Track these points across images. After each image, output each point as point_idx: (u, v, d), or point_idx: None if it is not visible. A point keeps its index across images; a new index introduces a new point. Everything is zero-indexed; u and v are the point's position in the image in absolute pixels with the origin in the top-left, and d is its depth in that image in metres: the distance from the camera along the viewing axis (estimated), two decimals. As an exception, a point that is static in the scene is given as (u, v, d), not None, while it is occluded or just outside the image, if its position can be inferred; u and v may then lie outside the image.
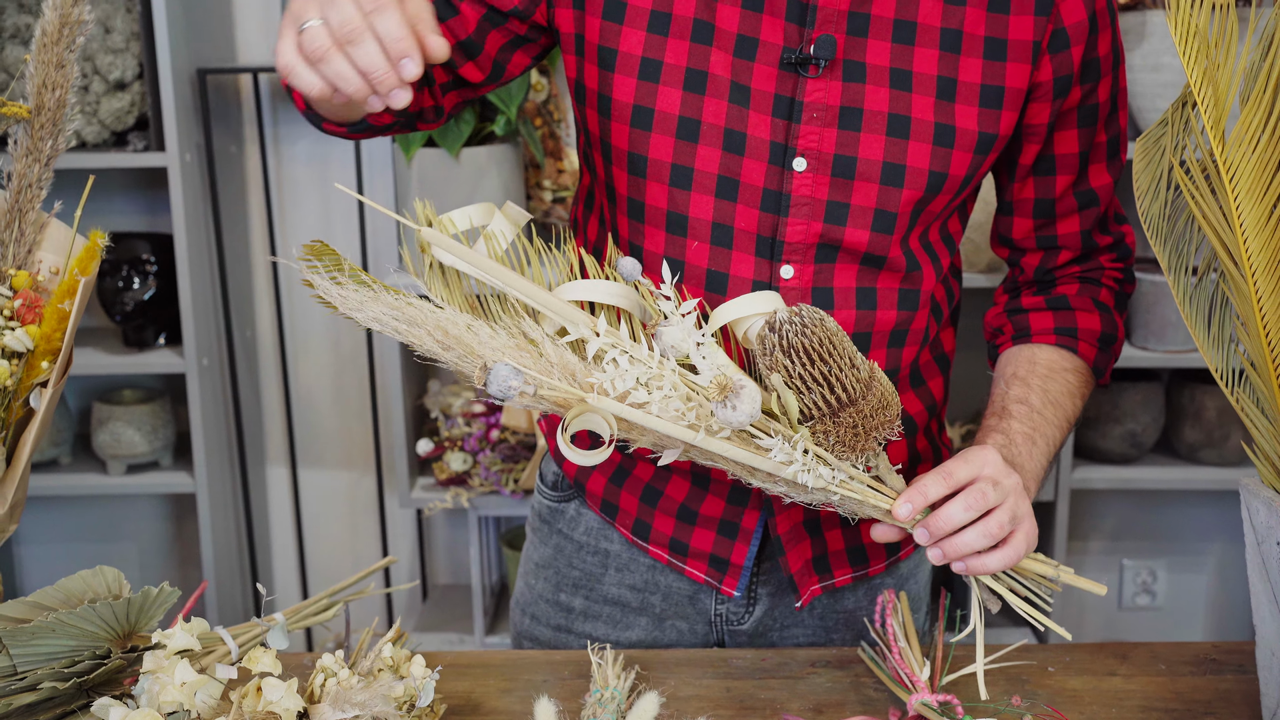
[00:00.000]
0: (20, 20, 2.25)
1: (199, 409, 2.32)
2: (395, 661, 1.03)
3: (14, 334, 1.08)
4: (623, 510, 1.26)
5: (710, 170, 1.09)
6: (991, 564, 1.00)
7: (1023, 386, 1.16)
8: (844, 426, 0.95)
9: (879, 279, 1.13)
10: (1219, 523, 2.74)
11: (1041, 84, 1.11)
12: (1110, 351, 1.22)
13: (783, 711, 1.08)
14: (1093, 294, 1.23)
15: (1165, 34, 2.20)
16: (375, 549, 2.73)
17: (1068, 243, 1.22)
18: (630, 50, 1.10)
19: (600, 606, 1.30)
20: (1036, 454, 1.11)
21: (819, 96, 1.07)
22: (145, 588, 1.02)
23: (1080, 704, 1.10)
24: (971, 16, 1.08)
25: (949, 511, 0.99)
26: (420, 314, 0.97)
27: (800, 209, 1.09)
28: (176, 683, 0.91)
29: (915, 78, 1.08)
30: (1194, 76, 0.84)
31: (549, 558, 1.33)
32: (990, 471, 1.00)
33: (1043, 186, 1.19)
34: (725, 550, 1.23)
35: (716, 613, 1.27)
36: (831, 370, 0.94)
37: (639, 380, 0.95)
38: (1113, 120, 1.17)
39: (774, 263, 1.11)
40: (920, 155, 1.08)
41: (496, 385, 0.90)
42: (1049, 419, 1.14)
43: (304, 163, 2.54)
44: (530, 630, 1.35)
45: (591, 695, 1.05)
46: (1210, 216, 0.90)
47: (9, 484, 1.11)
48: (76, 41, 1.14)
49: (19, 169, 1.14)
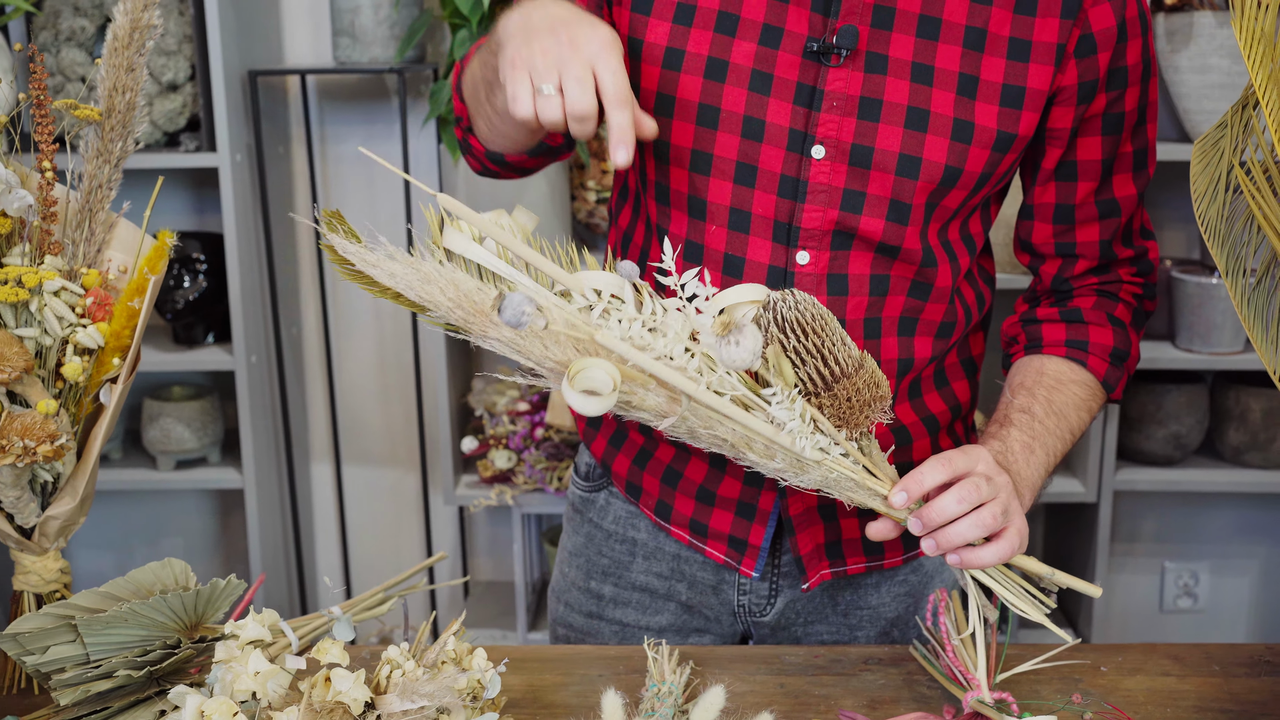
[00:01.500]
0: (76, 23, 2.28)
1: (248, 406, 2.35)
2: (458, 654, 1.05)
3: (86, 331, 1.11)
4: (645, 491, 1.29)
5: (729, 156, 1.12)
6: (985, 557, 1.02)
7: (1028, 396, 1.17)
8: (839, 399, 0.98)
9: (893, 268, 1.15)
10: (1262, 525, 2.72)
11: (1065, 88, 1.12)
12: (1122, 367, 1.23)
13: (838, 708, 1.09)
14: (1109, 309, 1.23)
15: (1212, 35, 2.19)
16: (418, 546, 2.76)
17: (1086, 251, 1.22)
18: (656, 41, 1.13)
19: (629, 593, 1.33)
20: (1034, 462, 1.12)
21: (840, 86, 1.09)
22: (214, 579, 1.04)
23: (1134, 704, 1.10)
24: (997, 16, 1.09)
25: (942, 504, 1.00)
26: (434, 271, 1.00)
27: (817, 196, 1.11)
28: (250, 672, 0.93)
29: (937, 73, 1.10)
30: (1259, 79, 0.84)
31: (580, 546, 1.36)
32: (983, 468, 1.02)
33: (1064, 192, 1.20)
34: (743, 531, 1.25)
35: (739, 604, 1.30)
36: (825, 343, 0.97)
37: (645, 325, 0.97)
38: (1139, 132, 1.18)
39: (790, 248, 1.13)
40: (937, 149, 1.10)
41: (510, 312, 0.90)
42: (1050, 429, 1.15)
43: (350, 163, 2.57)
44: (564, 617, 1.38)
45: (649, 690, 1.06)
46: (1271, 217, 0.90)
47: (80, 477, 1.14)
48: (146, 46, 1.17)
49: (90, 170, 1.16)
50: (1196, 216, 1.04)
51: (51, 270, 1.11)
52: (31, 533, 1.14)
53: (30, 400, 1.09)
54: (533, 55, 0.95)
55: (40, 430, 1.07)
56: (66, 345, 1.11)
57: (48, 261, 1.12)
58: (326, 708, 0.93)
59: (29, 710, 1.09)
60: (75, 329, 1.11)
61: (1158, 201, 2.51)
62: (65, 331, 1.11)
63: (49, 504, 1.13)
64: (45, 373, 1.11)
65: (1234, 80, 2.20)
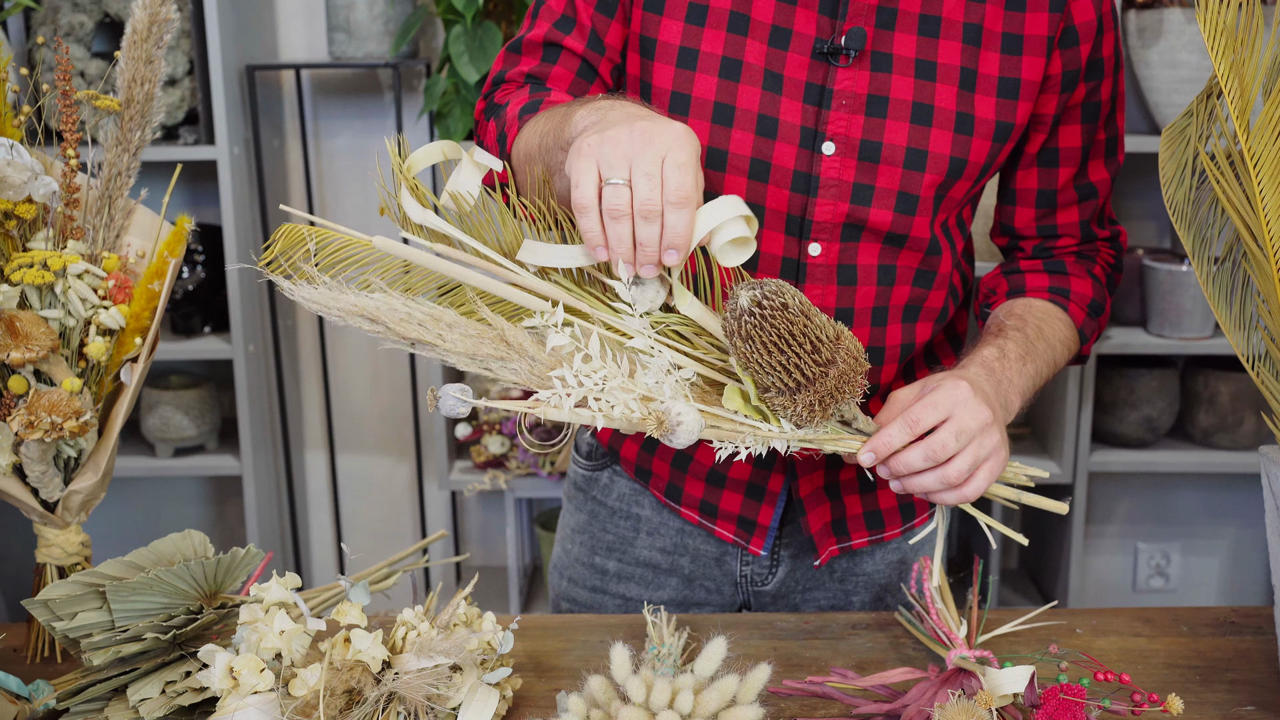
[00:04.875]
0: (74, 19, 2.32)
1: (245, 394, 2.39)
2: (468, 618, 1.10)
3: (108, 313, 1.15)
4: (655, 475, 1.33)
5: (744, 153, 1.16)
6: (947, 500, 1.05)
7: (1019, 320, 1.21)
8: (800, 404, 0.99)
9: (899, 257, 1.20)
10: (1231, 506, 2.80)
11: (1052, 76, 1.18)
12: (1097, 321, 1.28)
13: (828, 668, 1.15)
14: (1088, 266, 1.29)
15: (1181, 31, 2.26)
16: (409, 531, 2.81)
17: (1068, 231, 1.29)
18: (669, 40, 1.17)
19: (633, 568, 1.37)
20: (1026, 372, 1.15)
21: (848, 85, 1.14)
22: (234, 549, 1.09)
23: (1107, 661, 1.16)
24: (991, 13, 1.15)
25: (908, 458, 1.02)
26: (383, 308, 0.98)
27: (828, 190, 1.16)
28: (276, 631, 0.98)
29: (939, 68, 1.15)
30: (1221, 70, 0.90)
31: (584, 523, 1.40)
32: (960, 412, 1.02)
33: (1046, 177, 1.26)
34: (752, 511, 1.30)
35: (742, 574, 1.35)
36: (790, 359, 0.96)
37: (593, 381, 0.96)
38: (1112, 120, 1.25)
39: (802, 240, 1.18)
40: (942, 142, 1.15)
41: (446, 408, 0.95)
42: (1040, 352, 1.18)
43: (344, 156, 2.61)
44: (568, 592, 1.43)
45: (649, 651, 1.12)
46: (1234, 200, 0.97)
47: (101, 453, 1.19)
48: (164, 39, 1.22)
49: (109, 158, 1.21)
50: (1165, 200, 1.10)
51: (74, 254, 1.15)
52: (55, 507, 1.18)
53: (55, 379, 1.13)
54: (603, 145, 0.92)
55: (67, 407, 1.11)
56: (89, 326, 1.16)
57: (70, 246, 1.17)
58: (347, 665, 0.99)
59: (52, 677, 1.13)
60: (98, 310, 1.16)
61: (1130, 192, 2.59)
62: (88, 313, 1.15)
63: (71, 479, 1.18)
64: (69, 352, 1.15)
65: (1202, 75, 2.27)
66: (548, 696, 1.10)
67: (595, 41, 1.20)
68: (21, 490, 1.16)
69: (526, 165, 1.08)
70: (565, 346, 0.97)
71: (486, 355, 0.97)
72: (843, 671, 1.08)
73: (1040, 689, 1.00)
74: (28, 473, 1.14)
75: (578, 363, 0.97)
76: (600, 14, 1.20)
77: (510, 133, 1.13)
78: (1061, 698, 0.93)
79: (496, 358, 0.98)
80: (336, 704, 0.96)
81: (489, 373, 0.99)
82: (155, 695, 1.03)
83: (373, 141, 2.58)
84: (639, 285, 0.99)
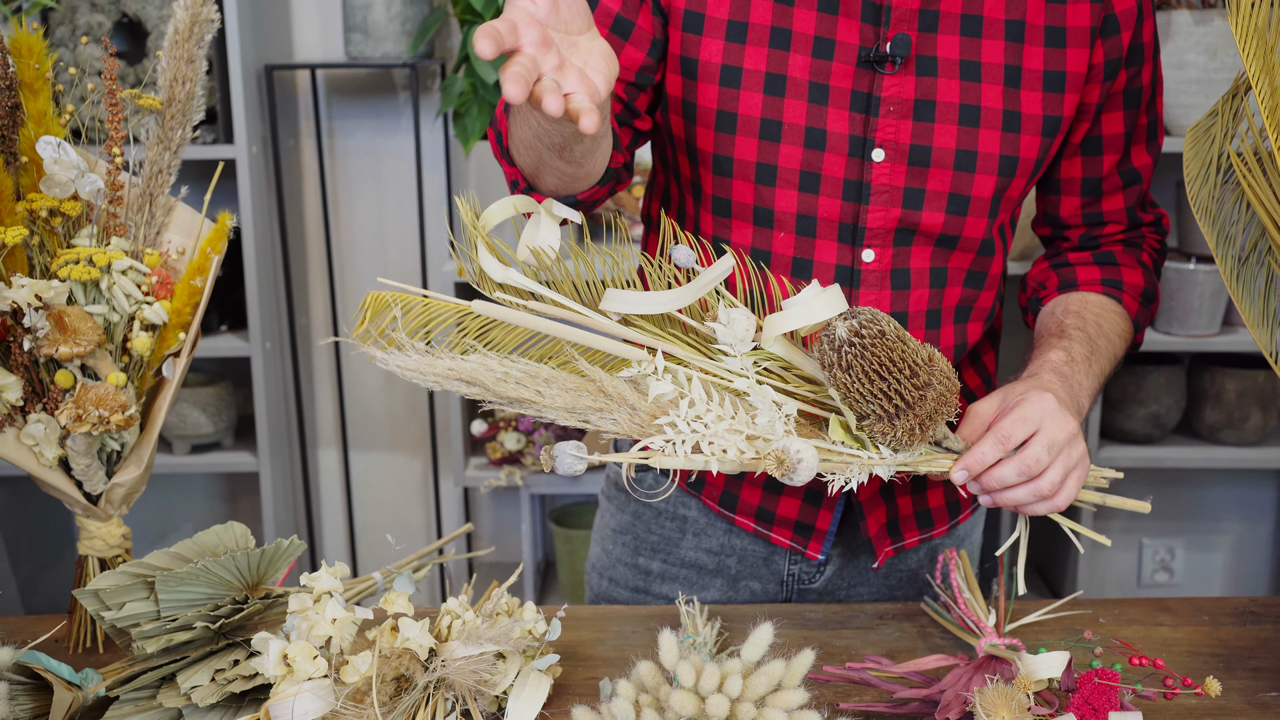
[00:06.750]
0: (93, 19, 2.33)
1: (263, 391, 2.41)
2: (509, 608, 1.12)
3: (152, 308, 1.17)
4: (709, 484, 1.34)
5: (793, 166, 1.17)
6: (1038, 511, 1.07)
7: (1078, 319, 1.21)
8: (901, 429, 1.00)
9: (951, 259, 1.21)
10: (1237, 502, 2.83)
11: (1095, 66, 1.19)
12: (1149, 310, 1.30)
13: (859, 656, 1.17)
14: (1136, 254, 1.30)
15: (1189, 33, 2.29)
16: (423, 528, 2.83)
17: (1113, 218, 1.30)
18: (710, 59, 1.17)
19: (677, 569, 1.38)
20: (1093, 374, 1.16)
21: (894, 91, 1.15)
22: (277, 539, 1.11)
23: (1132, 650, 1.19)
24: (1033, 7, 1.16)
25: (1001, 473, 1.03)
26: (479, 369, 0.99)
27: (880, 196, 1.17)
28: (329, 619, 1.00)
29: (984, 68, 1.16)
30: (1253, 70, 0.93)
31: (627, 524, 1.40)
32: (1048, 425, 1.04)
33: (1090, 165, 1.26)
34: (810, 517, 1.31)
35: (789, 572, 1.36)
36: (890, 385, 0.97)
37: (704, 422, 0.97)
38: (1152, 105, 1.26)
39: (856, 247, 1.19)
40: (991, 141, 1.16)
41: (564, 468, 0.95)
42: (1102, 350, 1.20)
43: (359, 156, 2.62)
44: (608, 592, 1.43)
45: (684, 640, 1.14)
46: (1262, 196, 0.99)
47: (144, 447, 1.21)
48: (205, 39, 1.23)
49: (150, 156, 1.23)
50: (1189, 197, 1.13)
51: (118, 250, 1.17)
52: (98, 500, 1.20)
53: (100, 373, 1.15)
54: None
55: (113, 401, 1.13)
56: (133, 321, 1.18)
57: (113, 243, 1.19)
58: (395, 653, 1.01)
59: (97, 667, 1.15)
60: (141, 306, 1.17)
61: (1137, 192, 2.61)
62: (132, 308, 1.17)
63: (113, 472, 1.20)
64: (113, 347, 1.17)
65: (1209, 76, 2.30)
66: (583, 685, 1.12)
67: (621, 27, 1.19)
68: (66, 483, 1.17)
69: (531, 156, 1.08)
70: (668, 393, 0.97)
71: (585, 408, 0.98)
72: (876, 659, 1.10)
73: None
74: (73, 466, 1.16)
75: (684, 408, 0.97)
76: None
77: (503, 129, 1.14)
78: (1097, 682, 0.96)
79: (595, 409, 0.98)
80: (386, 690, 0.99)
81: (587, 424, 0.99)
82: (205, 683, 1.05)
83: (387, 141, 2.60)
84: (727, 325, 0.99)
